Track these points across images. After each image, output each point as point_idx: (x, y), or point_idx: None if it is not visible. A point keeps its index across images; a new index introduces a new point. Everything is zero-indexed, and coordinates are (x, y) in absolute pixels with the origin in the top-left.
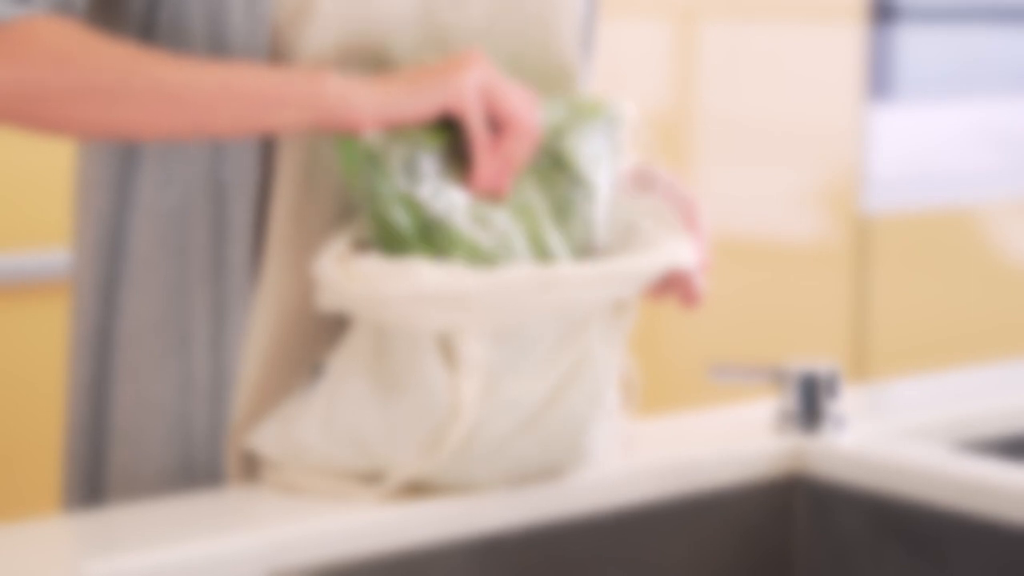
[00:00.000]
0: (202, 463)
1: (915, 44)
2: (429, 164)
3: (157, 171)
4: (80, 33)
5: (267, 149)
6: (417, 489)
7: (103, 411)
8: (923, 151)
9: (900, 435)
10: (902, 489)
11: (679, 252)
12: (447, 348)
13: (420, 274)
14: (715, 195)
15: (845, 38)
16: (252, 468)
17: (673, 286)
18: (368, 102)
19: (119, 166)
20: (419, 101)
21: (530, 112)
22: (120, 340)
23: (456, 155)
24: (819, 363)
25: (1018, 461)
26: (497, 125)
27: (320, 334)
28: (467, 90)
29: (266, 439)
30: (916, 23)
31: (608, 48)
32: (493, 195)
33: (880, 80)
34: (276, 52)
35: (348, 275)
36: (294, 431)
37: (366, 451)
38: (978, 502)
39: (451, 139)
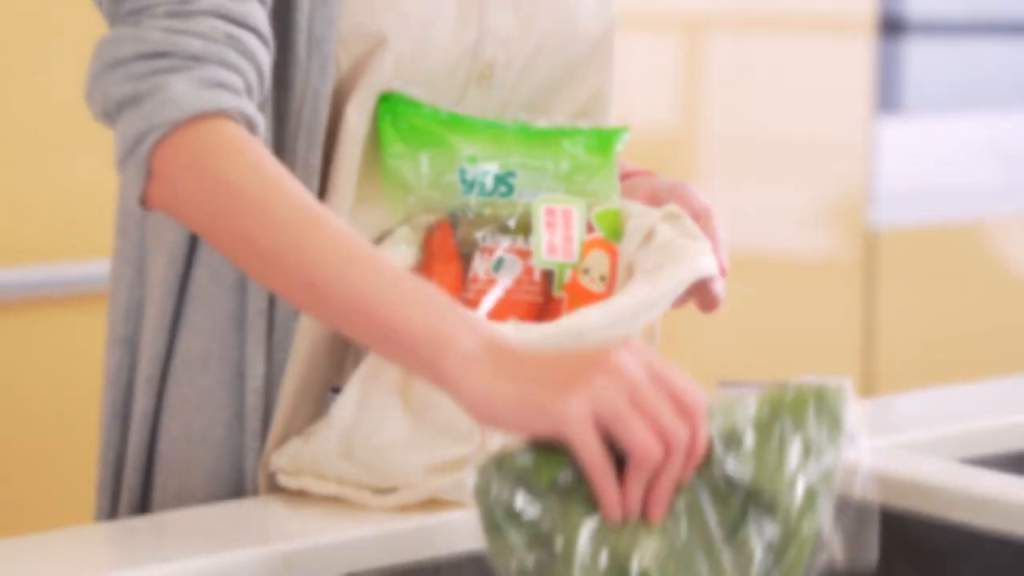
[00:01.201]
0: (254, 493)
1: (922, 57)
2: (527, 501)
3: None
4: (268, 172)
5: (321, 187)
6: (427, 502)
7: (153, 443)
8: (931, 164)
9: (908, 450)
10: (911, 504)
11: (701, 262)
12: None
13: None
14: (722, 209)
15: (852, 51)
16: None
17: (693, 292)
18: (476, 396)
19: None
20: (523, 421)
21: (664, 435)
22: (172, 373)
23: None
24: (828, 378)
25: None
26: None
27: (346, 360)
28: (574, 421)
29: (285, 454)
30: (924, 36)
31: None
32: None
33: (887, 93)
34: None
35: None
36: (312, 444)
37: (384, 469)
38: (987, 517)
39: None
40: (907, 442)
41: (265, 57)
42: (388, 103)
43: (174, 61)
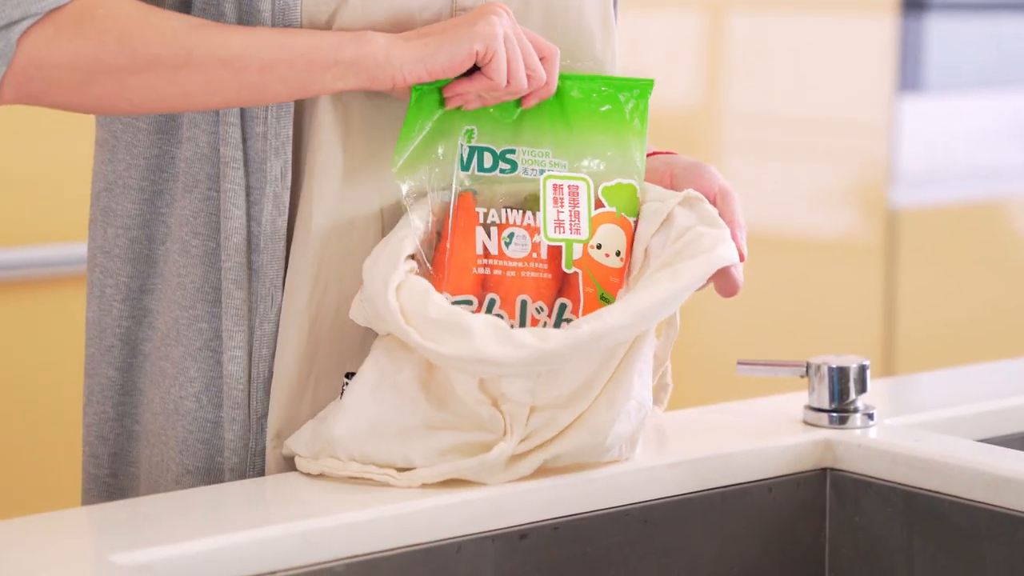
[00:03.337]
0: (232, 466)
1: (944, 36)
2: None
3: (184, 177)
4: (139, 6)
5: (297, 155)
6: (448, 481)
7: (128, 415)
8: (952, 143)
9: (929, 429)
10: (931, 482)
11: (719, 252)
12: (489, 382)
13: (482, 345)
14: (743, 188)
15: (874, 30)
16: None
17: (713, 278)
18: (409, 58)
19: (151, 173)
20: (455, 51)
21: (548, 69)
22: (145, 347)
23: None
24: (848, 357)
25: None
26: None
27: (352, 339)
28: (497, 34)
29: (300, 439)
30: (946, 15)
31: (636, 40)
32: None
33: (909, 72)
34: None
35: (407, 316)
36: (327, 429)
37: (405, 451)
38: (1007, 496)
39: None
40: (927, 421)
41: None
42: None
43: None
